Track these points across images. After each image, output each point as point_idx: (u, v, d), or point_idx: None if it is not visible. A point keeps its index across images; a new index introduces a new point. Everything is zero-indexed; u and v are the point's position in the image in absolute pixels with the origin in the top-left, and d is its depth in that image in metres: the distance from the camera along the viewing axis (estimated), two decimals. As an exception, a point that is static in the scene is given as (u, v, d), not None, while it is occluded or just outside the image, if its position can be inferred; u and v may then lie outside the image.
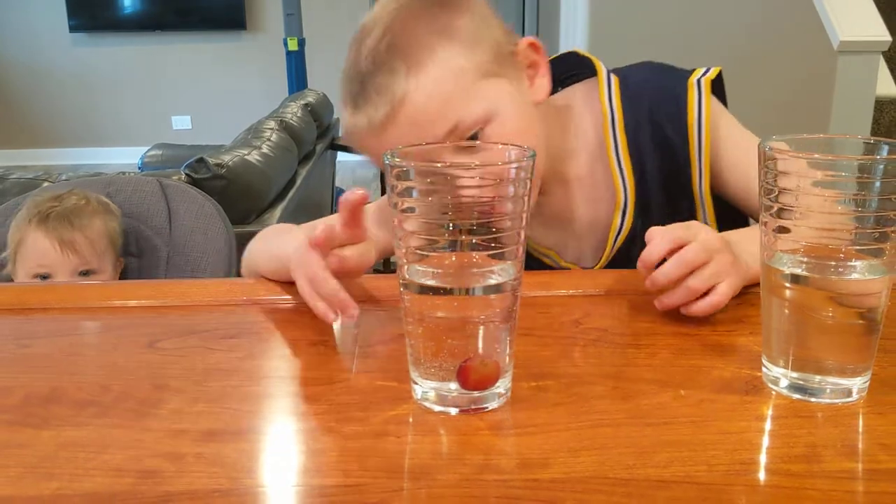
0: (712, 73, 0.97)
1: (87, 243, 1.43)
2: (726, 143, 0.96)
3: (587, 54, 1.01)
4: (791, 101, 2.83)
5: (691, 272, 0.72)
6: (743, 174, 0.95)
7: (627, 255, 0.95)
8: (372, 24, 0.87)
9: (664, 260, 0.72)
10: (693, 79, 0.96)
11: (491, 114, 0.83)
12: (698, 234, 0.73)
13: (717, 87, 0.99)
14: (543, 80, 0.93)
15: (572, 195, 0.98)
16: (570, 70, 1.03)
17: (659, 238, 0.72)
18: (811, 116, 2.68)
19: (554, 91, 1.00)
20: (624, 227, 0.96)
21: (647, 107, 0.96)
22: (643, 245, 0.83)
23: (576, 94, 1.01)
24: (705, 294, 0.73)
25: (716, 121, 0.96)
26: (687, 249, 0.72)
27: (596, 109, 0.97)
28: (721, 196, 0.98)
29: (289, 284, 0.84)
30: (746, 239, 0.79)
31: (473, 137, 0.82)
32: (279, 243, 0.85)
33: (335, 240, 0.72)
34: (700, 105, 0.94)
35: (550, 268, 0.99)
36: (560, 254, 1.00)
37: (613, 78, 0.98)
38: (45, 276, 1.43)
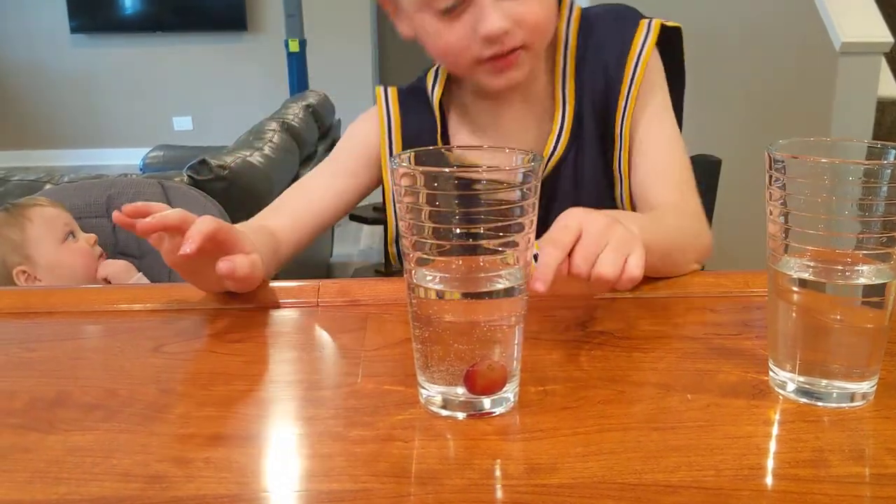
0: (667, 22, 0.99)
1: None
2: (645, 113, 0.98)
3: None
4: (792, 101, 2.83)
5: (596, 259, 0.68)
6: (640, 153, 0.98)
7: (554, 180, 0.99)
8: None
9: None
10: (646, 20, 0.99)
11: None
12: (587, 227, 0.68)
13: (674, 49, 1.02)
14: None
15: (520, 108, 1.01)
16: None
17: (551, 248, 0.66)
18: (812, 117, 2.67)
19: None
20: (556, 152, 0.99)
21: (597, 39, 0.99)
22: (572, 174, 0.96)
23: None
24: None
25: (650, 75, 0.98)
26: (585, 243, 0.67)
27: (554, 34, 1.00)
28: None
29: (291, 288, 0.84)
30: (623, 215, 0.80)
31: None
32: None
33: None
34: (644, 45, 0.97)
35: None
36: None
37: (576, 8, 1.01)
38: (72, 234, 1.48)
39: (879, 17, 2.53)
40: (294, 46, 4.94)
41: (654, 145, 0.98)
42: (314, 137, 3.48)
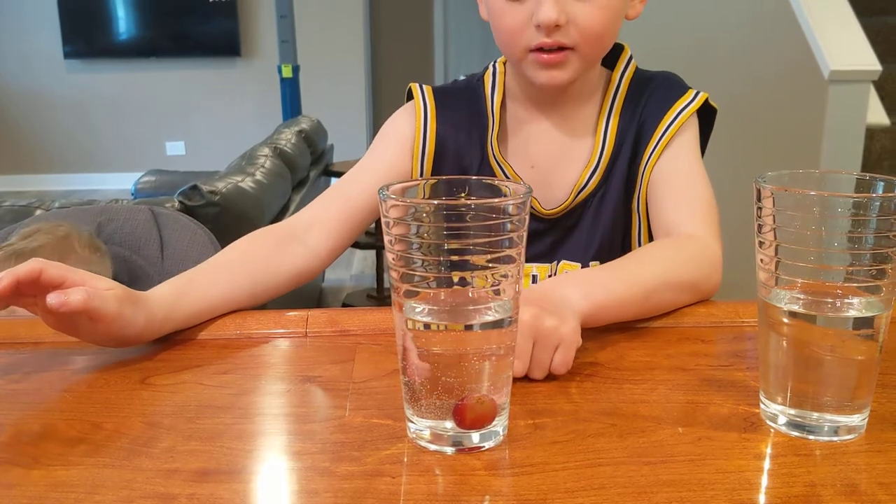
0: (709, 100, 1.05)
1: None
2: (675, 151, 1.02)
3: (623, 43, 1.09)
4: (782, 129, 2.85)
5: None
6: (661, 182, 1.01)
7: (579, 211, 1.05)
8: None
9: None
10: (694, 89, 1.05)
11: None
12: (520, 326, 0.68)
13: (709, 121, 1.07)
14: (640, 6, 1.03)
15: (566, 134, 1.05)
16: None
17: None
18: (802, 145, 2.69)
19: None
20: (588, 186, 1.03)
21: (646, 93, 1.05)
22: (595, 209, 1.01)
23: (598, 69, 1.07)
24: None
25: (686, 129, 1.02)
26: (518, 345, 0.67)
27: (608, 78, 1.07)
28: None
29: (280, 318, 0.83)
30: (577, 283, 0.79)
31: None
32: None
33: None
34: (686, 106, 1.03)
35: None
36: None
37: (633, 63, 1.07)
38: None
39: (867, 46, 2.56)
40: (287, 72, 4.96)
41: (679, 177, 1.01)
42: (307, 163, 3.49)
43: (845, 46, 2.56)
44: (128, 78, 6.65)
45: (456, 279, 0.55)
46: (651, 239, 1.03)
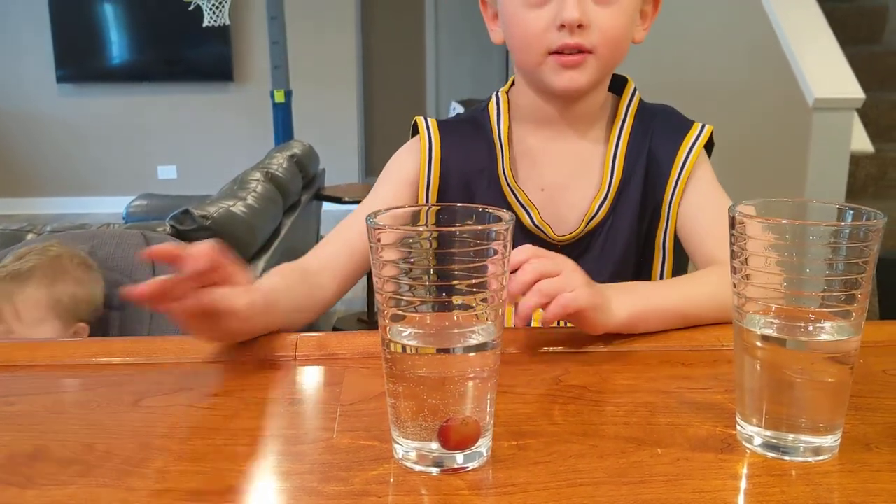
0: (710, 129, 1.09)
1: (11, 312, 1.39)
2: (697, 185, 1.05)
3: (626, 75, 1.12)
4: (768, 156, 2.89)
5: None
6: (694, 218, 1.04)
7: (588, 239, 1.07)
8: None
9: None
10: (699, 123, 1.09)
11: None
12: (561, 266, 0.79)
13: (709, 146, 1.11)
14: (643, 33, 1.06)
15: (575, 162, 1.08)
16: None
17: (527, 271, 0.78)
18: (788, 171, 2.73)
19: None
20: (598, 215, 1.05)
21: (654, 124, 1.08)
22: (604, 237, 1.03)
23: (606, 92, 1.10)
24: None
25: (700, 163, 1.06)
26: (541, 261, 0.79)
27: (614, 105, 1.10)
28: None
29: (270, 342, 0.85)
30: (627, 290, 0.87)
31: None
32: None
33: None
34: (696, 140, 1.06)
35: (525, 227, 1.06)
36: (540, 212, 1.07)
37: (637, 95, 1.10)
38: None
39: (851, 74, 2.60)
40: (279, 97, 4.99)
41: (710, 212, 1.04)
42: (298, 187, 3.51)
43: (829, 75, 2.60)
44: (120, 102, 6.68)
45: (441, 304, 0.57)
46: (674, 275, 1.07)
